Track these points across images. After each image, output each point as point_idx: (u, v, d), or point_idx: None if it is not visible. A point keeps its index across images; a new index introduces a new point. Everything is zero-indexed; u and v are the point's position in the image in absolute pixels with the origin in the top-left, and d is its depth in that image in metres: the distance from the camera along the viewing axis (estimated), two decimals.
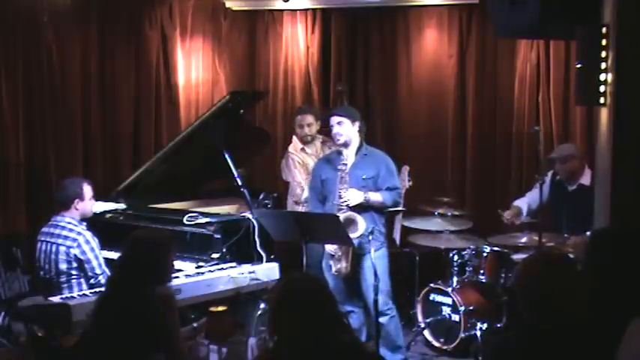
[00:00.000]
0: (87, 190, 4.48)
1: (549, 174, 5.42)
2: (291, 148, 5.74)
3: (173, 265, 3.56)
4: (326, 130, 5.22)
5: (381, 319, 4.65)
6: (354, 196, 4.61)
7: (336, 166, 4.73)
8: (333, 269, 4.71)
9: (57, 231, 4.38)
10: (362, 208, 4.65)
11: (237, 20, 7.06)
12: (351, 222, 4.55)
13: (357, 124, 4.78)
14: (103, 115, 6.22)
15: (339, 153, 4.80)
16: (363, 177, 4.72)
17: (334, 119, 4.77)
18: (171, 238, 3.62)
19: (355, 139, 4.78)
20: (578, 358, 2.44)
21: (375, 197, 4.69)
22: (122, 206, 5.16)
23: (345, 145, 4.76)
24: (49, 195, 5.69)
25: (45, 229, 4.45)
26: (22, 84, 5.64)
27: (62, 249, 4.32)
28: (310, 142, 5.74)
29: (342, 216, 4.52)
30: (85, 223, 4.48)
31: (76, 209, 4.42)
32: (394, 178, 4.82)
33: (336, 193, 4.67)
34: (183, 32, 6.72)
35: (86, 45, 6.06)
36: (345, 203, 4.59)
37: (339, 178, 4.67)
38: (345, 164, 4.69)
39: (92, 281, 4.30)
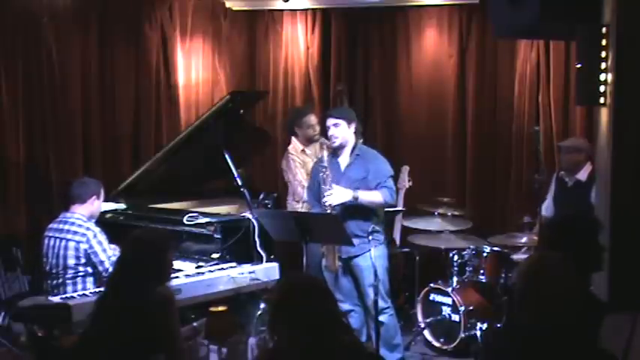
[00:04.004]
0: (103, 192, 4.60)
1: (554, 175, 5.44)
2: (291, 149, 5.72)
3: (172, 265, 3.56)
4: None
5: (380, 318, 4.64)
6: (337, 195, 4.57)
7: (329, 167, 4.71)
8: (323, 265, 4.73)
9: (66, 227, 4.40)
10: (355, 207, 4.61)
11: (237, 20, 7.06)
12: None
13: (353, 125, 4.77)
14: (103, 115, 6.21)
15: (334, 154, 4.79)
16: (355, 178, 4.69)
17: (330, 121, 4.76)
18: (171, 238, 3.62)
19: (351, 141, 4.77)
20: (575, 357, 2.44)
21: (365, 196, 4.62)
22: (122, 206, 5.17)
23: (341, 146, 4.76)
24: (49, 195, 5.71)
25: (53, 225, 4.45)
26: (22, 84, 5.64)
27: (72, 244, 4.34)
28: (315, 142, 5.75)
29: None
30: (93, 220, 4.51)
31: (92, 205, 4.49)
32: (382, 176, 4.70)
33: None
34: (183, 32, 6.72)
35: (86, 45, 6.06)
36: (327, 203, 4.58)
37: (321, 180, 4.66)
38: (325, 166, 4.66)
39: (104, 275, 4.30)
